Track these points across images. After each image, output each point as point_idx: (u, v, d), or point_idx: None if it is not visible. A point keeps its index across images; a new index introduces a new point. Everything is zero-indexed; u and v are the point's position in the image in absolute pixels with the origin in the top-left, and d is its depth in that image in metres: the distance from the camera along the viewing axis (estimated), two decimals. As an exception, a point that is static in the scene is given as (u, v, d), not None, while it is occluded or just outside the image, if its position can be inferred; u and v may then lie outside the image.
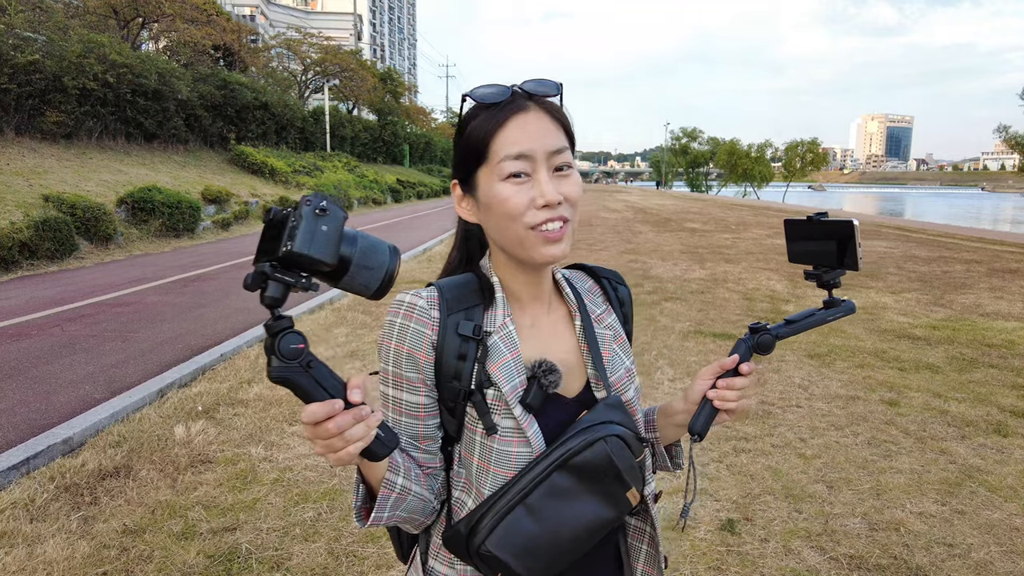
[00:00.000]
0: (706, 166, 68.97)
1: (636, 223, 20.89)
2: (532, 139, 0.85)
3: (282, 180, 22.91)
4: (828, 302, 0.98)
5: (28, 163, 13.15)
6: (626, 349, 1.01)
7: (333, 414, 0.70)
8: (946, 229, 19.55)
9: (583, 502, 0.85)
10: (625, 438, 0.87)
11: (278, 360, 0.69)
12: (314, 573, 2.57)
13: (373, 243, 0.72)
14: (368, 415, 0.73)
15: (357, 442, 0.72)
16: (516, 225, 0.85)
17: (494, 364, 0.88)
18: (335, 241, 0.67)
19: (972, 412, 4.26)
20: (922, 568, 2.60)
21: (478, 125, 0.87)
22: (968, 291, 8.63)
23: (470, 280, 0.95)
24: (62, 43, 15.06)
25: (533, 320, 0.96)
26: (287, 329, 0.69)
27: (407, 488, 0.87)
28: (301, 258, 0.65)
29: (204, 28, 24.43)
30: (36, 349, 5.42)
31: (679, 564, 2.63)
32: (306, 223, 0.65)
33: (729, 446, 3.71)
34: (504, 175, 0.85)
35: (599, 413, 0.89)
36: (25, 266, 9.59)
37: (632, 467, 0.87)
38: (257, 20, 71.86)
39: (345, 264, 0.70)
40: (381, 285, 0.72)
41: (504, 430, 0.87)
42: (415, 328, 0.89)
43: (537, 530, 0.84)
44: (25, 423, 3.85)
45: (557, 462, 0.85)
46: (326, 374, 0.71)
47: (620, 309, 1.05)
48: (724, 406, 0.95)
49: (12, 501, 3.01)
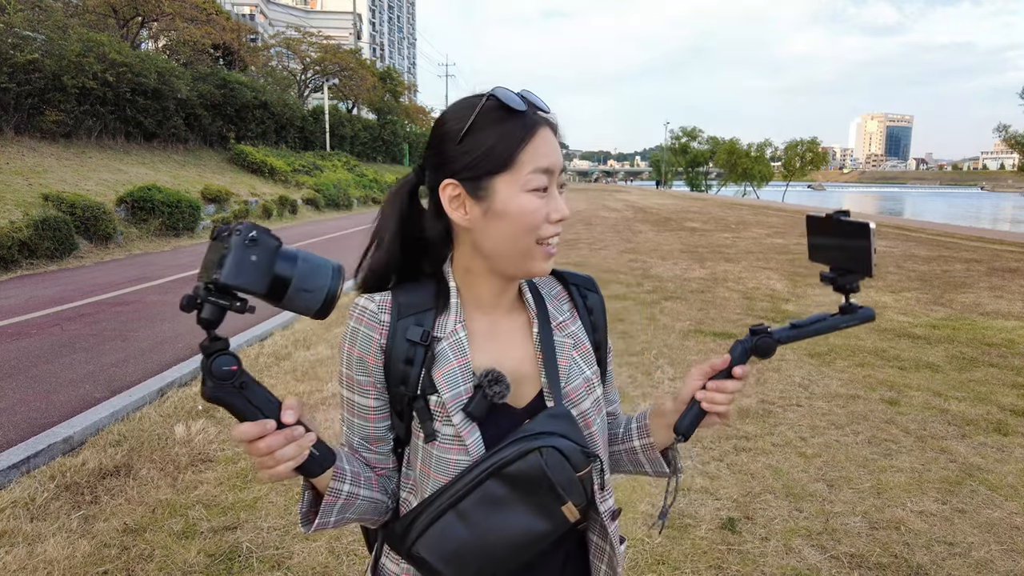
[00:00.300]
0: (706, 165, 68.95)
1: (636, 222, 20.89)
2: (556, 155, 0.87)
3: (281, 179, 22.90)
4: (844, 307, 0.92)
5: (28, 162, 13.14)
6: (588, 358, 0.98)
7: (264, 434, 0.72)
8: (946, 228, 19.56)
9: (516, 513, 0.83)
10: (565, 451, 0.83)
11: (210, 380, 0.71)
12: (315, 572, 2.57)
13: (315, 265, 0.73)
14: (300, 435, 0.75)
15: (288, 461, 0.74)
16: (529, 237, 0.86)
17: (439, 371, 0.88)
18: (265, 270, 0.69)
19: (972, 411, 4.26)
20: (923, 567, 2.60)
21: (505, 131, 0.85)
22: (968, 290, 8.64)
23: (426, 285, 0.94)
24: (61, 42, 15.05)
25: (491, 326, 0.95)
26: (220, 351, 0.71)
27: (354, 494, 0.89)
28: (229, 287, 0.67)
29: (203, 27, 24.41)
30: (36, 348, 5.42)
31: (680, 563, 2.63)
32: (235, 253, 0.67)
33: (730, 445, 3.71)
34: (530, 187, 0.85)
35: (540, 423, 0.87)
36: (25, 265, 9.58)
37: (571, 481, 0.83)
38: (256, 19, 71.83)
39: (283, 287, 0.71)
40: (322, 306, 0.73)
41: (444, 437, 0.87)
42: (364, 332, 0.90)
43: (468, 537, 0.83)
44: (25, 422, 3.85)
45: (490, 470, 0.83)
46: (261, 395, 0.74)
47: (588, 317, 1.02)
48: (712, 409, 0.92)
49: (12, 500, 3.01)
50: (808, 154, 58.58)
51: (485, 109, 0.86)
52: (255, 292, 0.69)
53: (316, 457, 0.79)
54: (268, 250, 0.69)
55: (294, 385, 4.66)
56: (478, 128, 0.85)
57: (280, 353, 5.47)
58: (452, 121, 0.88)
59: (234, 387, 0.72)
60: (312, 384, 4.69)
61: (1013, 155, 57.77)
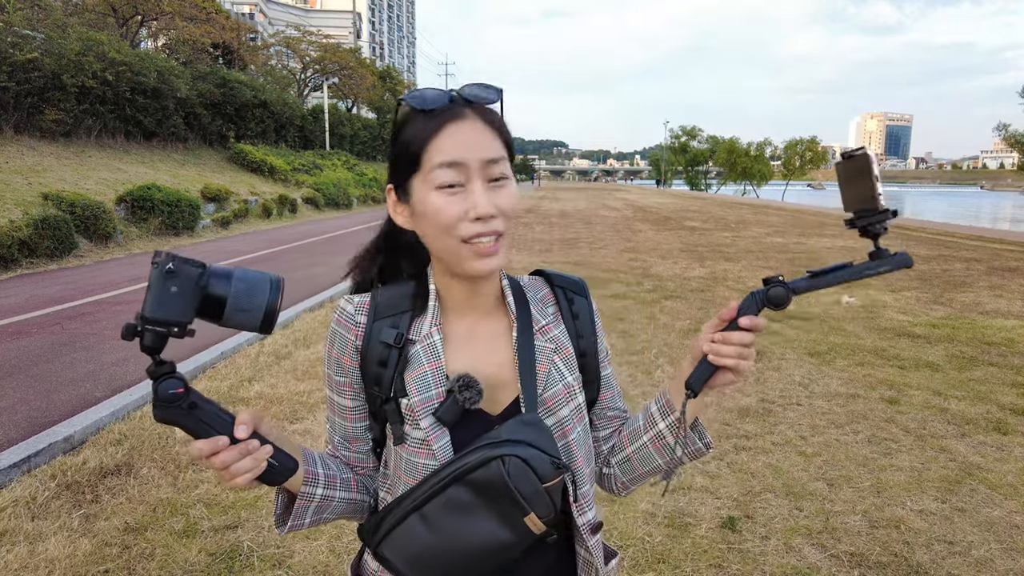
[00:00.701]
0: (705, 164, 68.95)
1: (636, 221, 20.89)
2: (466, 148, 0.83)
3: (281, 178, 22.89)
4: (873, 253, 0.82)
5: (27, 161, 13.14)
6: (570, 364, 0.95)
7: (217, 450, 0.75)
8: (945, 227, 19.56)
9: (480, 520, 0.81)
10: (529, 460, 0.79)
11: (159, 404, 0.74)
12: (315, 571, 2.57)
13: (251, 283, 0.73)
14: (255, 449, 0.77)
15: (245, 474, 0.77)
16: (449, 237, 0.83)
17: (411, 374, 0.88)
18: (188, 299, 0.70)
19: (972, 410, 4.26)
20: (922, 565, 2.60)
21: (412, 131, 0.84)
22: (968, 289, 8.64)
23: (408, 287, 0.94)
24: (61, 41, 15.02)
25: (470, 330, 0.93)
26: (166, 375, 0.74)
27: (329, 497, 0.91)
28: (152, 322, 0.69)
29: (203, 26, 24.38)
30: (36, 347, 5.42)
31: (680, 561, 2.63)
32: (154, 287, 0.69)
33: (730, 444, 3.71)
34: (437, 184, 0.82)
35: (509, 429, 0.83)
36: (25, 264, 9.58)
37: (536, 492, 0.79)
38: (256, 18, 71.79)
39: (218, 307, 0.72)
40: (262, 323, 0.73)
41: (413, 440, 0.87)
42: (341, 333, 0.92)
43: (431, 541, 0.83)
44: (26, 421, 3.85)
45: (453, 475, 0.82)
46: (212, 413, 0.76)
47: (572, 321, 0.98)
48: (719, 362, 0.86)
49: (13, 499, 3.01)
50: (808, 153, 58.59)
51: (402, 113, 0.87)
52: (181, 322, 0.70)
53: (275, 467, 0.81)
54: (189, 279, 0.69)
55: (294, 384, 4.66)
56: (399, 132, 0.87)
57: (280, 352, 5.47)
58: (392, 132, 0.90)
59: (182, 408, 0.74)
60: (312, 383, 4.69)
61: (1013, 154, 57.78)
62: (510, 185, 0.86)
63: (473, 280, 0.90)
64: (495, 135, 0.85)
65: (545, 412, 0.90)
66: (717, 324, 0.88)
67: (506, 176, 0.85)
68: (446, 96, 0.85)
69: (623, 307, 7.35)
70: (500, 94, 0.88)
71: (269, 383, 4.69)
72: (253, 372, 4.93)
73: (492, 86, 0.88)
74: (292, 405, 4.26)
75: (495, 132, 0.85)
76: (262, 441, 0.79)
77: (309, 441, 3.77)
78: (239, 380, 4.74)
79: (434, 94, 0.85)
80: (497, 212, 0.83)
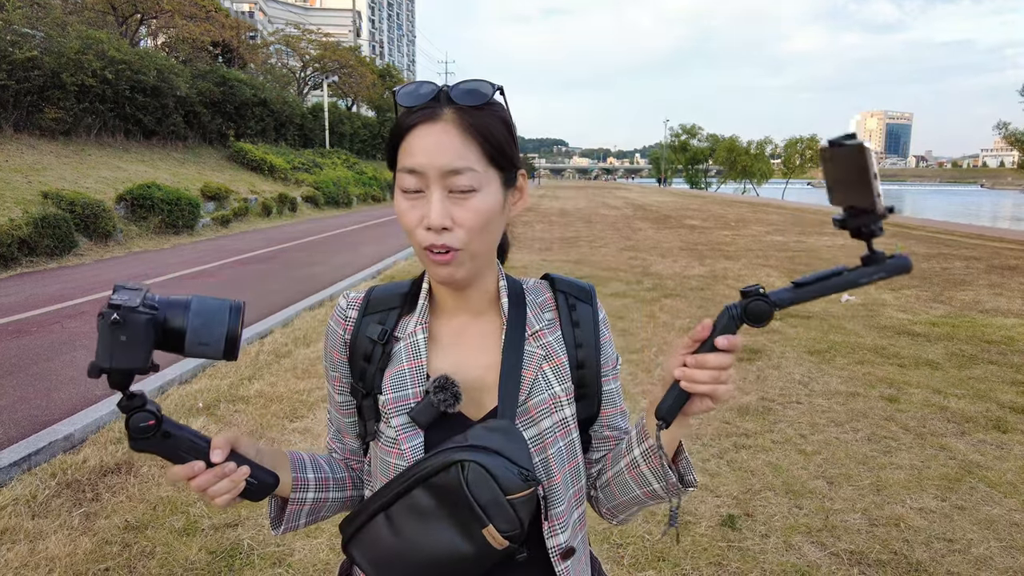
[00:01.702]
0: (705, 163, 68.92)
1: (635, 220, 20.88)
2: (427, 154, 0.78)
3: (281, 177, 22.89)
4: (867, 258, 0.70)
5: (27, 160, 13.13)
6: (560, 373, 0.89)
7: (193, 475, 0.77)
8: (945, 226, 19.55)
9: (439, 527, 0.78)
10: (491, 469, 0.74)
11: (132, 436, 0.75)
12: (316, 569, 2.57)
13: (209, 314, 0.72)
14: (231, 471, 0.79)
15: (224, 495, 0.79)
16: (411, 241, 0.83)
17: (390, 371, 0.88)
18: (140, 345, 0.69)
19: (972, 408, 4.26)
20: (922, 563, 2.60)
21: (394, 125, 0.84)
22: (967, 288, 8.64)
23: (404, 284, 0.94)
24: (60, 39, 15.02)
25: (459, 331, 0.90)
26: (137, 408, 0.75)
27: (320, 499, 0.92)
28: (106, 372, 0.69)
29: (203, 24, 24.39)
30: (37, 346, 5.42)
31: (680, 560, 2.63)
32: (102, 339, 0.69)
33: (729, 442, 3.72)
34: (401, 186, 0.81)
35: (475, 434, 0.79)
36: (25, 263, 9.58)
37: (496, 503, 0.74)
38: (256, 16, 71.71)
39: (178, 341, 0.72)
40: (224, 352, 0.73)
41: (385, 439, 0.87)
42: (333, 328, 0.94)
43: (395, 544, 0.81)
44: (26, 419, 3.86)
45: (415, 478, 0.79)
46: (187, 440, 0.78)
47: (572, 329, 0.92)
48: (693, 388, 0.74)
49: (14, 497, 3.02)
50: (808, 151, 58.54)
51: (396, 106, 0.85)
52: (135, 369, 0.70)
53: (254, 485, 0.82)
54: (137, 326, 0.69)
55: (294, 382, 4.67)
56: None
57: (280, 351, 5.48)
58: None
59: (156, 439, 0.76)
60: (312, 381, 4.70)
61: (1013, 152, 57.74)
62: (477, 198, 0.79)
63: (484, 285, 0.90)
64: (468, 141, 0.78)
65: (527, 421, 0.85)
66: (689, 345, 0.76)
67: (474, 188, 0.79)
68: (433, 92, 0.81)
69: (623, 305, 7.35)
70: (496, 91, 0.82)
71: (269, 381, 4.69)
72: (253, 371, 4.94)
73: (487, 84, 0.81)
74: (292, 403, 4.26)
75: (470, 138, 0.78)
76: (239, 462, 0.80)
77: (309, 440, 3.77)
78: (239, 379, 4.74)
79: (423, 90, 0.81)
80: (452, 225, 0.78)
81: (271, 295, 7.74)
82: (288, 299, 7.50)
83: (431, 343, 0.89)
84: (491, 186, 0.81)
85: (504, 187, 0.84)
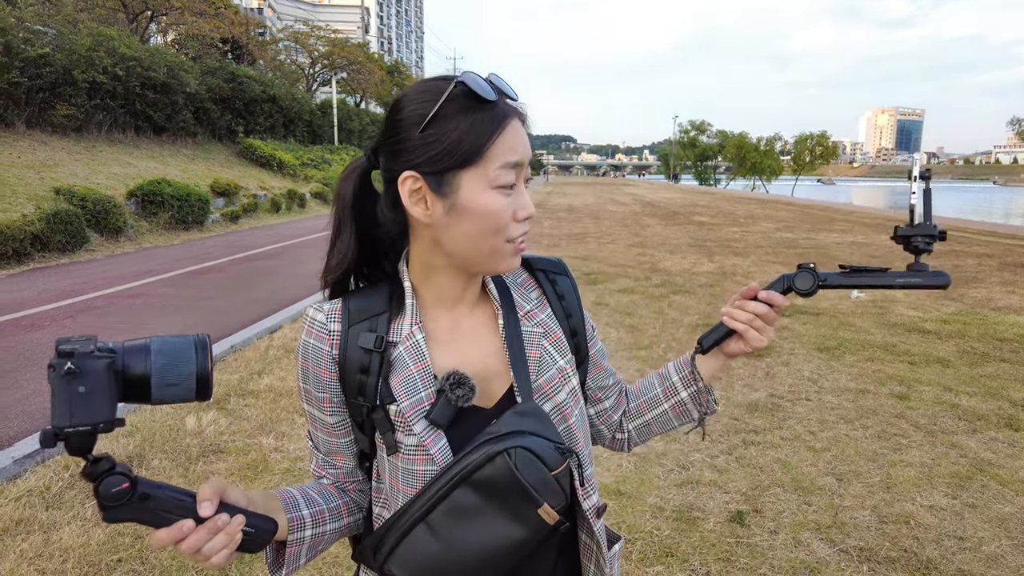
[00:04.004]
0: (714, 159, 68.61)
1: (644, 216, 20.82)
2: (525, 148, 0.82)
3: (290, 173, 22.96)
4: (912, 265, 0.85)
5: (39, 156, 13.24)
6: (560, 347, 0.92)
7: (182, 537, 0.68)
8: (957, 223, 19.38)
9: (489, 521, 0.77)
10: (534, 449, 0.76)
11: (104, 506, 0.66)
12: (324, 562, 2.59)
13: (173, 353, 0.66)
14: (225, 523, 0.70)
15: (221, 551, 0.70)
16: (496, 237, 0.81)
17: (396, 378, 0.83)
18: (102, 395, 0.61)
19: (983, 406, 4.23)
20: (932, 561, 2.59)
21: (474, 122, 0.77)
22: (979, 285, 8.57)
23: (380, 288, 0.89)
24: (72, 36, 15.11)
25: (453, 324, 0.89)
26: (106, 472, 0.65)
27: (319, 534, 0.87)
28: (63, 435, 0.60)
29: (212, 21, 24.45)
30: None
31: (688, 555, 2.63)
32: (58, 394, 0.60)
33: (738, 438, 3.71)
34: (497, 183, 0.79)
35: (506, 422, 0.80)
36: (37, 258, 9.67)
37: (545, 482, 0.76)
38: (265, 13, 71.91)
39: (143, 388, 0.64)
40: (197, 392, 0.66)
41: (407, 448, 0.83)
42: (314, 344, 0.86)
43: (440, 550, 0.78)
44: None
45: (457, 478, 0.77)
46: (168, 498, 0.69)
47: (559, 303, 0.95)
48: (731, 324, 0.93)
49: (28, 489, 3.06)
50: (818, 148, 58.20)
51: (452, 96, 0.78)
52: (100, 422, 0.61)
53: (252, 534, 0.74)
54: (96, 373, 0.61)
55: (304, 377, 4.69)
56: (444, 116, 0.77)
57: (289, 345, 5.50)
58: (414, 105, 0.80)
59: (133, 503, 0.66)
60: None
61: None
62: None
63: (481, 276, 0.90)
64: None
65: (542, 398, 0.87)
66: (738, 299, 0.94)
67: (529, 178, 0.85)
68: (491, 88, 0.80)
69: (631, 302, 7.34)
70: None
71: (279, 376, 4.72)
72: (263, 365, 4.97)
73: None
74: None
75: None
76: (231, 512, 0.72)
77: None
78: (249, 373, 4.77)
79: (487, 83, 0.79)
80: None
81: (281, 290, 7.78)
82: (297, 294, 7.54)
83: (427, 342, 0.87)
84: None
85: None
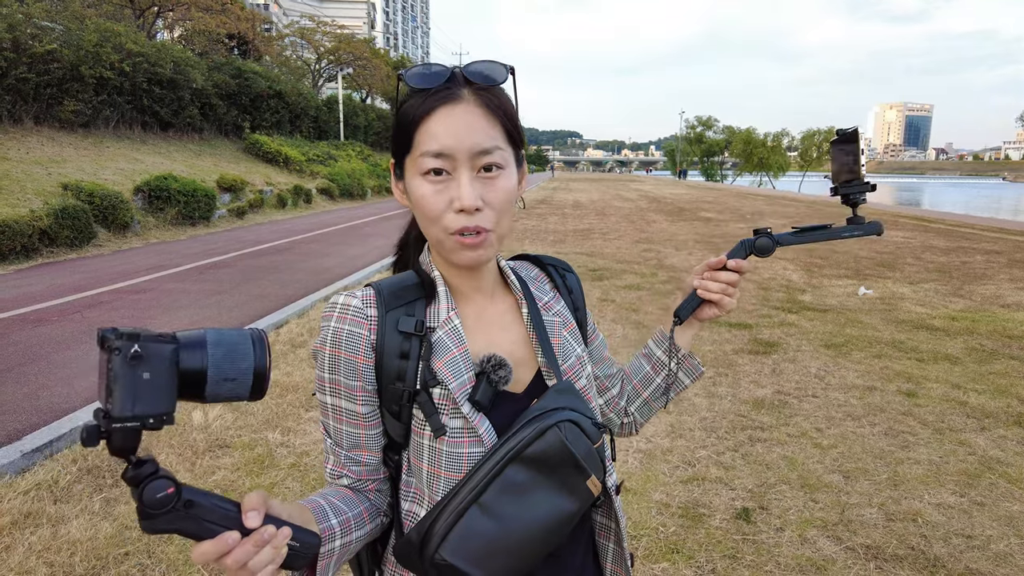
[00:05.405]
0: (721, 155, 68.32)
1: (650, 212, 20.77)
2: (455, 135, 0.78)
3: (296, 169, 23.00)
4: (850, 219, 0.96)
5: (47, 152, 13.30)
6: (576, 337, 0.97)
7: (228, 550, 0.63)
8: (965, 219, 19.25)
9: (542, 495, 0.79)
10: (579, 423, 0.81)
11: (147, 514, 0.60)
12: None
13: (231, 346, 0.62)
14: (272, 536, 0.65)
15: (267, 566, 0.65)
16: (434, 226, 0.81)
17: (440, 360, 0.83)
18: (165, 383, 0.57)
19: (992, 403, 4.21)
20: (940, 559, 2.58)
21: (407, 110, 0.81)
22: (988, 282, 8.51)
23: (409, 276, 0.90)
24: (79, 32, 15.15)
25: (478, 312, 0.91)
26: (151, 476, 0.60)
27: (347, 543, 0.83)
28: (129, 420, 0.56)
29: (218, 17, 24.48)
30: (57, 335, 5.51)
31: (694, 552, 2.63)
32: (121, 381, 0.55)
33: (744, 435, 3.70)
34: (423, 170, 0.79)
35: (549, 400, 0.83)
36: (45, 253, 9.72)
37: (590, 453, 0.81)
38: (270, 8, 71.91)
39: (198, 383, 0.60)
40: (252, 390, 0.63)
41: (453, 430, 0.82)
42: (350, 330, 0.83)
43: (495, 530, 0.77)
44: (48, 407, 3.92)
45: (509, 455, 0.78)
46: (212, 507, 0.63)
47: (568, 296, 1.00)
48: (705, 295, 1.01)
49: (36, 482, 3.07)
50: (825, 144, 57.84)
51: (402, 88, 0.83)
52: (164, 412, 0.58)
53: (298, 549, 0.69)
54: (161, 359, 0.57)
55: (310, 372, 4.70)
56: (399, 106, 0.84)
57: (296, 340, 5.52)
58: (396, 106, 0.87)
59: (178, 511, 0.61)
60: (327, 372, 4.73)
61: (1036, 145, 56.69)
62: (503, 177, 0.81)
63: (483, 269, 0.90)
64: (493, 121, 0.80)
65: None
66: (705, 269, 1.03)
67: (500, 166, 0.81)
68: (446, 73, 0.80)
69: (637, 298, 7.31)
70: (510, 72, 0.83)
71: (285, 371, 4.73)
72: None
73: (500, 64, 0.82)
74: (308, 393, 4.29)
75: (494, 117, 0.80)
76: (276, 524, 0.67)
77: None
78: (255, 368, 4.78)
79: (435, 71, 0.81)
80: (483, 205, 0.79)
81: (286, 285, 7.80)
82: (303, 290, 7.55)
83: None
84: (511, 164, 0.84)
85: (517, 165, 0.87)
